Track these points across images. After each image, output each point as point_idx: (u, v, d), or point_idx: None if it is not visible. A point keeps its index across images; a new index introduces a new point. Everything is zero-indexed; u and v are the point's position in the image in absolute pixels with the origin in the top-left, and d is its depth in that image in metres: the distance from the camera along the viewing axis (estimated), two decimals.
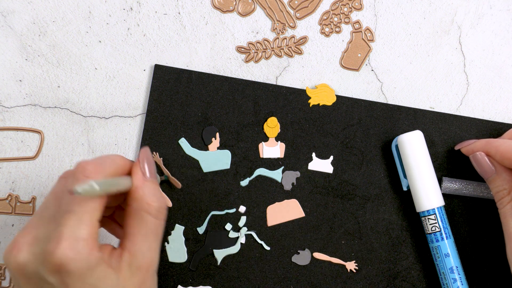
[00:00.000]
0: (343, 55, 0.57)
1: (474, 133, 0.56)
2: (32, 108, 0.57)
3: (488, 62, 0.57)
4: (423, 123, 0.56)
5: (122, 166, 0.46)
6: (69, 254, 0.44)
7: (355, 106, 0.56)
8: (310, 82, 0.57)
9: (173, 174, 0.56)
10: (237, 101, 0.56)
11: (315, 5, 0.57)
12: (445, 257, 0.53)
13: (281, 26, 0.57)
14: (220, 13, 0.56)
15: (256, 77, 0.57)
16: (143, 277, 0.46)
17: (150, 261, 0.46)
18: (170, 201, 0.56)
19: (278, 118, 0.56)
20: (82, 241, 0.44)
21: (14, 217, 0.57)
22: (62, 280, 0.44)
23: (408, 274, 0.56)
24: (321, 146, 0.56)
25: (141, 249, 0.45)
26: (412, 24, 0.57)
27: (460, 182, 0.55)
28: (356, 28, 0.57)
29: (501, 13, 0.57)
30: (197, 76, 0.56)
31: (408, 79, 0.57)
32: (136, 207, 0.46)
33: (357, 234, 0.56)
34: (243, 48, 0.56)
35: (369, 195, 0.56)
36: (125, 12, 0.56)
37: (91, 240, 0.45)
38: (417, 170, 0.53)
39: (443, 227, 0.53)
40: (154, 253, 0.46)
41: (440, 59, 0.57)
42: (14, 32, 0.56)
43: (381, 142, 0.56)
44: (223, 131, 0.56)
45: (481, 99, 0.57)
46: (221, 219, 0.56)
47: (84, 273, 0.44)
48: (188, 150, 0.56)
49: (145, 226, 0.46)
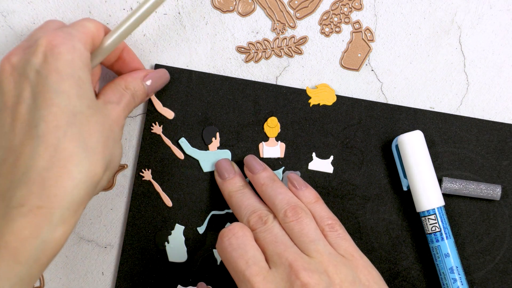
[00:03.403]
0: (343, 55, 0.57)
1: (474, 133, 0.56)
2: None
3: (488, 62, 0.57)
4: (423, 123, 0.56)
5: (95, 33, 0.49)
6: (62, 39, 0.46)
7: (355, 106, 0.56)
8: (310, 82, 0.57)
9: (173, 174, 0.56)
10: (237, 101, 0.56)
11: (315, 5, 0.57)
12: (445, 257, 0.53)
13: (281, 26, 0.57)
14: (220, 13, 0.56)
15: (256, 77, 0.57)
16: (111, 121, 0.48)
17: (118, 115, 0.49)
18: (170, 201, 0.56)
19: (278, 118, 0.56)
20: (76, 37, 0.47)
21: None
22: (46, 60, 0.45)
23: (408, 274, 0.56)
24: (321, 146, 0.56)
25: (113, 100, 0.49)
26: (412, 24, 0.57)
27: (460, 182, 0.55)
28: (356, 28, 0.57)
29: (501, 13, 0.57)
30: (197, 76, 0.56)
31: (408, 79, 0.57)
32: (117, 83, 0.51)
33: (357, 234, 0.56)
34: (243, 48, 0.56)
35: (369, 195, 0.56)
36: (125, 12, 0.56)
37: (85, 43, 0.47)
38: (417, 170, 0.53)
39: (443, 227, 0.53)
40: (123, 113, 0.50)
41: (440, 59, 0.57)
42: (14, 32, 0.56)
43: (381, 142, 0.56)
44: (223, 131, 0.56)
45: (481, 99, 0.57)
46: (221, 219, 0.56)
47: (76, 62, 0.45)
48: (188, 150, 0.56)
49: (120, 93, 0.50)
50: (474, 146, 0.56)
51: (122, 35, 0.49)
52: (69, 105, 0.44)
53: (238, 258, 0.46)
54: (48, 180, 0.43)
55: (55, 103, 0.44)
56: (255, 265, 0.46)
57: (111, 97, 0.50)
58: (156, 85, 0.53)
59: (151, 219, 0.56)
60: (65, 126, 0.44)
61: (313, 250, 0.47)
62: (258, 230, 0.49)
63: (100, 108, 0.47)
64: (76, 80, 0.45)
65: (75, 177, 0.44)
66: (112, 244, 0.57)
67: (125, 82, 0.51)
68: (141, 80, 0.52)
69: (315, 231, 0.48)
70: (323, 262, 0.46)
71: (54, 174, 0.43)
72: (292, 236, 0.48)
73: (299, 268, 0.45)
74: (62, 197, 0.43)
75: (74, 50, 0.46)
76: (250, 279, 0.45)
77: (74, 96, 0.45)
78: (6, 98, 0.46)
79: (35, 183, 0.43)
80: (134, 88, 0.51)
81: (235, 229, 0.48)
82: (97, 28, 0.49)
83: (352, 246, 0.48)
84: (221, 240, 0.48)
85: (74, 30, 0.47)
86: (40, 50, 0.45)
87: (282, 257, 0.46)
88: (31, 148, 0.44)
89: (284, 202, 0.50)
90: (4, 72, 0.46)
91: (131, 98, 0.51)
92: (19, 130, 0.45)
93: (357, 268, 0.47)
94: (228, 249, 0.47)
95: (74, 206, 0.44)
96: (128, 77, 0.52)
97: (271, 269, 0.46)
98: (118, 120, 0.49)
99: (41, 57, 0.45)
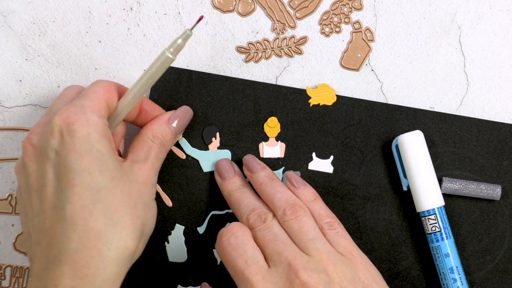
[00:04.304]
0: (343, 55, 0.57)
1: (474, 133, 0.56)
2: (32, 108, 0.57)
3: (488, 62, 0.57)
4: (423, 123, 0.56)
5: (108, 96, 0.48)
6: (75, 115, 0.46)
7: (355, 106, 0.56)
8: (310, 82, 0.57)
9: (173, 174, 0.56)
10: (237, 101, 0.56)
11: (315, 5, 0.57)
12: (445, 257, 0.53)
13: (281, 26, 0.57)
14: (220, 13, 0.56)
15: (256, 77, 0.57)
16: (139, 185, 0.48)
17: (147, 174, 0.48)
18: (170, 201, 0.56)
19: (278, 118, 0.56)
20: (89, 107, 0.47)
21: (14, 217, 0.57)
22: (63, 140, 0.45)
23: (408, 274, 0.56)
24: (321, 146, 0.56)
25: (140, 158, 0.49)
26: (412, 24, 0.57)
27: (460, 182, 0.55)
28: (356, 28, 0.57)
29: (501, 13, 0.57)
30: (197, 76, 0.56)
31: (408, 79, 0.57)
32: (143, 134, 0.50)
33: (357, 234, 0.56)
34: (243, 48, 0.56)
35: (369, 195, 0.56)
36: (125, 12, 0.56)
37: (99, 111, 0.47)
38: (417, 170, 0.53)
39: (443, 227, 0.53)
40: (152, 170, 0.49)
41: (440, 59, 0.57)
42: (14, 32, 0.56)
43: (381, 142, 0.56)
44: (223, 131, 0.56)
45: (481, 99, 0.57)
46: (221, 219, 0.56)
47: (92, 135, 0.46)
48: (188, 150, 0.56)
49: (148, 147, 0.50)
50: (474, 146, 0.56)
51: (135, 97, 0.49)
52: (92, 182, 0.45)
53: (237, 258, 0.46)
54: (79, 261, 0.44)
55: (78, 182, 0.44)
56: (254, 265, 0.46)
57: (138, 155, 0.49)
58: (182, 123, 0.53)
59: None
60: (91, 205, 0.44)
61: (312, 249, 0.47)
62: (257, 228, 0.49)
63: (126, 174, 0.47)
64: (94, 154, 0.45)
65: (106, 255, 0.44)
66: None
67: (152, 132, 0.51)
68: (166, 124, 0.52)
69: (314, 229, 0.48)
70: (323, 261, 0.46)
71: (85, 255, 0.44)
72: (291, 234, 0.48)
73: (298, 267, 0.45)
74: (94, 277, 0.44)
75: (88, 123, 0.46)
76: (250, 279, 0.45)
77: (95, 172, 0.45)
78: (32, 180, 0.46)
79: (67, 265, 0.44)
80: (162, 134, 0.51)
81: (234, 228, 0.48)
82: (109, 90, 0.48)
83: (351, 244, 0.48)
84: (220, 240, 0.48)
85: (86, 100, 0.47)
86: (56, 130, 0.45)
87: (281, 256, 0.46)
88: (61, 230, 0.44)
89: (283, 200, 0.50)
90: (27, 154, 0.47)
91: (160, 148, 0.50)
92: (48, 212, 0.45)
93: (356, 267, 0.47)
94: (227, 248, 0.47)
95: (108, 283, 0.44)
96: (153, 125, 0.51)
97: (271, 268, 0.46)
98: (147, 179, 0.48)
99: (58, 137, 0.45)
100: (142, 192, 0.48)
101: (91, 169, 0.45)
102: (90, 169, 0.45)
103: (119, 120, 0.50)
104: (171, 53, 0.48)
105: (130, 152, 0.50)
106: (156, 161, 0.50)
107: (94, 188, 0.45)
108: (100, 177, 0.45)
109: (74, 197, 0.44)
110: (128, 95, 0.49)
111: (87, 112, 0.46)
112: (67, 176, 0.45)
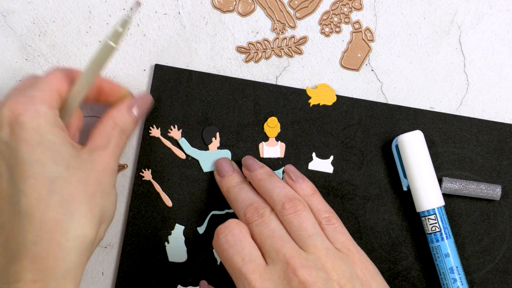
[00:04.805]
0: (343, 55, 0.57)
1: (474, 133, 0.56)
2: None
3: (488, 62, 0.57)
4: (423, 123, 0.56)
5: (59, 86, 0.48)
6: (24, 106, 0.44)
7: (355, 106, 0.56)
8: (310, 82, 0.57)
9: (173, 174, 0.56)
10: (237, 101, 0.56)
11: (315, 5, 0.57)
12: (445, 257, 0.53)
13: (281, 26, 0.57)
14: (220, 13, 0.56)
15: (256, 77, 0.57)
16: (98, 172, 0.47)
17: (107, 161, 0.48)
18: (170, 201, 0.56)
19: (278, 118, 0.56)
20: (38, 98, 0.45)
21: None
22: (13, 132, 0.44)
23: (408, 274, 0.56)
24: (321, 146, 0.56)
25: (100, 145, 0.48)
26: (412, 24, 0.57)
27: (460, 182, 0.55)
28: (356, 28, 0.57)
29: (501, 13, 0.57)
30: (197, 76, 0.56)
31: (408, 79, 0.57)
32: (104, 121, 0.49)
33: (357, 234, 0.56)
34: (243, 48, 0.56)
35: (369, 195, 0.56)
36: (125, 12, 0.56)
37: (50, 102, 0.45)
38: (417, 170, 0.53)
39: (443, 227, 0.53)
40: (112, 157, 0.48)
41: (440, 59, 0.57)
42: (14, 32, 0.56)
43: (381, 142, 0.56)
44: (223, 131, 0.56)
45: (481, 99, 0.57)
46: (221, 219, 0.56)
47: (42, 126, 0.44)
48: (188, 150, 0.56)
49: (108, 134, 0.49)
50: (474, 146, 0.56)
51: (83, 87, 0.48)
52: (46, 172, 0.44)
53: (235, 255, 0.46)
54: (38, 254, 0.43)
55: (31, 174, 0.44)
56: (251, 262, 0.45)
57: (98, 142, 0.49)
58: (143, 110, 0.52)
59: (151, 219, 0.56)
60: (46, 196, 0.44)
61: (311, 245, 0.46)
62: (255, 223, 0.48)
63: (83, 162, 0.47)
64: (46, 145, 0.44)
65: (65, 245, 0.44)
66: (112, 244, 0.57)
67: (112, 119, 0.50)
68: (127, 111, 0.51)
69: (313, 225, 0.48)
70: (321, 258, 0.46)
71: (44, 247, 0.43)
72: (290, 229, 0.48)
73: (296, 265, 0.45)
74: (55, 268, 0.43)
75: (37, 114, 0.45)
76: (247, 276, 0.45)
77: (48, 162, 0.44)
78: None
79: (27, 258, 0.43)
80: (123, 121, 0.50)
81: (231, 225, 0.47)
82: (60, 80, 0.48)
83: (349, 240, 0.48)
84: (217, 237, 0.47)
85: (36, 91, 0.46)
86: (5, 121, 0.45)
87: (279, 253, 0.46)
88: (18, 224, 0.44)
89: (282, 194, 0.50)
90: None
91: (120, 135, 0.50)
92: (4, 206, 0.44)
93: (354, 263, 0.47)
94: (224, 246, 0.47)
95: (70, 273, 0.44)
96: (114, 112, 0.51)
97: (268, 266, 0.46)
98: (107, 166, 0.48)
99: (7, 129, 0.44)
100: (101, 180, 0.47)
101: (44, 159, 0.44)
102: (43, 159, 0.44)
103: (72, 109, 0.49)
104: (113, 41, 0.46)
105: (90, 140, 0.49)
106: (116, 148, 0.49)
107: (49, 178, 0.44)
108: (54, 167, 0.44)
109: (28, 189, 0.44)
110: (75, 86, 0.48)
111: (36, 103, 0.45)
112: (20, 168, 0.44)
